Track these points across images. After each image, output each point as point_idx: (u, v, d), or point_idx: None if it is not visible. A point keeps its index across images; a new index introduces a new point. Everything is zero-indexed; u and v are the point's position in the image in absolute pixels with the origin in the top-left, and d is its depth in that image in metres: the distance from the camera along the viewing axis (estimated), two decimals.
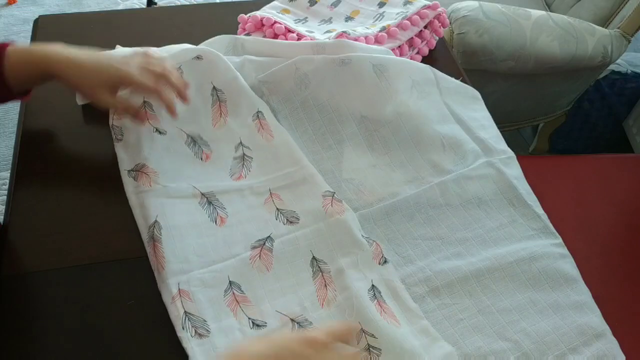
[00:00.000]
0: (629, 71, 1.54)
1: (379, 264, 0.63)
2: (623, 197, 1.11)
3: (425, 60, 0.90)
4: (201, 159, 0.71)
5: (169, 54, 0.72)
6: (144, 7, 2.13)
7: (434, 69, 0.80)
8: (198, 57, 0.75)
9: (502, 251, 0.65)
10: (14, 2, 2.22)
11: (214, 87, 0.74)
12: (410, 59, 0.88)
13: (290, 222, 0.66)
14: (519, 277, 0.64)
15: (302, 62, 0.76)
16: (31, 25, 0.91)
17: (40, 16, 0.92)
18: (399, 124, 0.75)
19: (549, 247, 0.66)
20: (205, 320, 0.57)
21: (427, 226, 0.67)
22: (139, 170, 0.67)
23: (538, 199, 0.73)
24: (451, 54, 0.93)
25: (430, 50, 0.91)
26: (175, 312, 0.56)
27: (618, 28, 1.36)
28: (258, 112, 0.74)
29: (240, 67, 0.77)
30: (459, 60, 1.13)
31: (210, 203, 0.67)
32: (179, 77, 0.69)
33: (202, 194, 0.67)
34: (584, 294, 0.64)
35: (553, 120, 1.62)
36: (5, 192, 1.26)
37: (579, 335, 0.60)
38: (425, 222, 0.68)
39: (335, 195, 0.67)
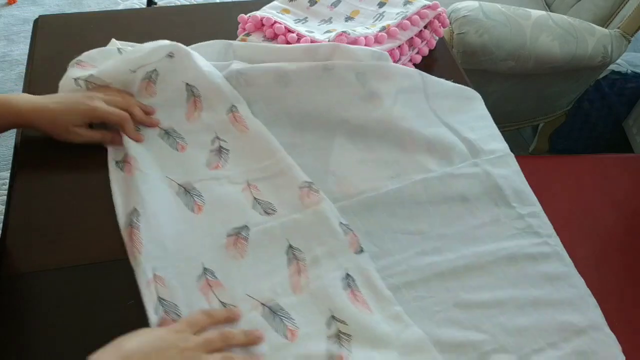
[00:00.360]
0: (629, 71, 1.54)
1: (355, 252, 0.63)
2: (623, 197, 1.11)
3: (425, 60, 0.90)
4: (177, 149, 0.72)
5: (143, 53, 0.73)
6: (144, 7, 2.13)
7: (423, 73, 0.79)
8: (170, 55, 0.75)
9: (482, 249, 0.66)
10: (14, 2, 2.22)
11: (187, 84, 0.75)
12: (411, 58, 0.88)
13: (267, 213, 0.66)
14: (498, 275, 0.64)
15: (285, 63, 0.76)
16: (31, 25, 0.91)
17: (40, 16, 0.92)
18: (382, 129, 0.74)
19: (530, 248, 0.67)
20: (177, 305, 0.58)
21: (407, 221, 0.67)
22: (125, 161, 0.69)
23: (538, 199, 0.72)
24: (451, 54, 0.93)
25: (430, 50, 0.91)
26: (149, 296, 0.57)
27: (618, 28, 1.36)
28: (232, 106, 0.74)
29: (225, 69, 0.77)
30: (459, 60, 1.13)
31: (187, 192, 0.68)
32: (140, 107, 0.73)
33: (179, 185, 0.68)
34: (568, 292, 0.64)
35: (553, 120, 1.62)
36: (5, 192, 1.26)
37: (559, 331, 0.60)
38: (406, 217, 0.68)
39: (312, 185, 0.67)
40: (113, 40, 0.81)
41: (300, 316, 0.59)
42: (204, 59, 0.76)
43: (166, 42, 0.74)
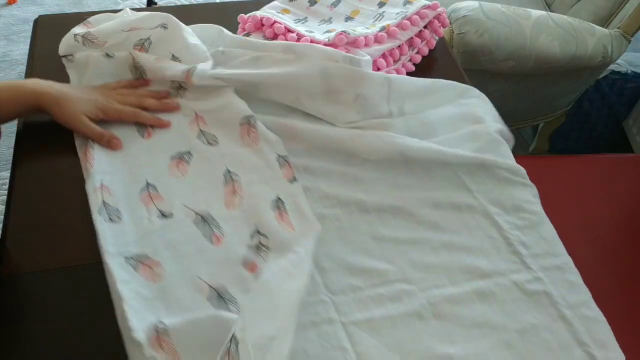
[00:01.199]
0: (629, 71, 1.54)
1: (288, 181, 0.67)
2: (623, 197, 1.11)
3: (425, 60, 0.90)
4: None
5: (137, 17, 0.79)
6: (144, 7, 2.13)
7: (391, 78, 0.76)
8: (164, 26, 0.79)
9: (410, 195, 0.70)
10: (14, 2, 2.22)
11: (173, 55, 0.78)
12: (410, 58, 0.88)
13: (210, 144, 0.72)
14: (420, 218, 0.68)
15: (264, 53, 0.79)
16: (31, 25, 0.91)
17: (40, 16, 0.92)
18: (358, 144, 0.74)
19: (457, 198, 0.70)
20: (118, 210, 0.64)
21: (345, 166, 0.72)
22: None
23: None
24: (451, 54, 0.93)
25: (430, 50, 0.91)
26: (95, 200, 0.63)
27: (618, 28, 1.36)
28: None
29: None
30: (459, 60, 1.13)
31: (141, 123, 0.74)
32: (153, 96, 0.76)
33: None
34: (484, 242, 0.67)
35: (553, 120, 1.62)
36: (5, 192, 1.26)
37: (464, 273, 0.64)
38: (343, 162, 0.72)
39: (251, 119, 0.71)
40: (126, 9, 0.85)
41: (229, 227, 0.63)
42: (193, 33, 0.80)
43: (160, 13, 0.80)
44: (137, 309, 0.55)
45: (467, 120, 0.77)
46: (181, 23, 0.80)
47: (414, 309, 0.60)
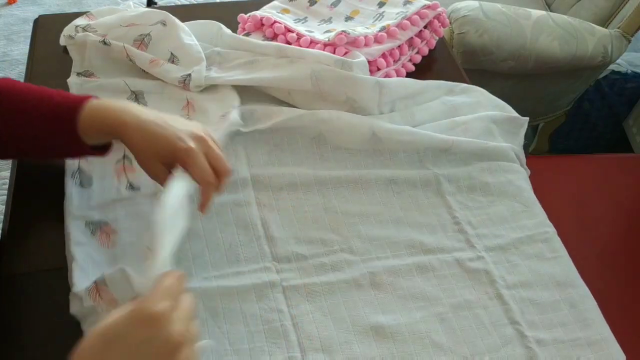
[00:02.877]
0: (629, 71, 1.54)
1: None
2: (623, 197, 1.11)
3: (425, 60, 0.90)
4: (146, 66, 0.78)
5: (136, 13, 0.81)
6: (144, 7, 2.12)
7: (382, 82, 0.76)
8: (163, 23, 0.81)
9: (367, 172, 0.71)
10: (14, 2, 2.22)
11: (171, 54, 0.79)
12: (410, 58, 0.88)
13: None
14: (374, 194, 0.70)
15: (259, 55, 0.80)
16: (31, 25, 0.91)
17: (40, 16, 0.92)
18: (331, 127, 0.74)
19: (414, 175, 0.72)
20: (91, 177, 0.67)
21: (314, 146, 0.74)
22: (86, 76, 0.79)
23: (538, 199, 0.72)
24: (451, 54, 0.93)
25: (430, 50, 0.91)
26: (71, 166, 0.67)
27: (618, 28, 1.36)
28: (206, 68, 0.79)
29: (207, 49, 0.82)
30: (459, 60, 1.13)
31: (137, 99, 0.76)
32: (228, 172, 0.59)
33: (132, 91, 0.77)
34: (432, 219, 0.69)
35: (553, 120, 1.62)
36: (5, 192, 1.26)
37: (408, 247, 0.66)
38: (315, 142, 0.74)
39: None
40: (130, 3, 0.87)
41: None
42: (189, 32, 0.81)
43: (158, 10, 0.82)
44: (85, 270, 0.58)
45: (448, 115, 0.78)
46: (179, 21, 0.81)
47: (353, 278, 0.62)
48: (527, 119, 0.81)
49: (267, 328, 0.57)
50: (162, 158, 0.56)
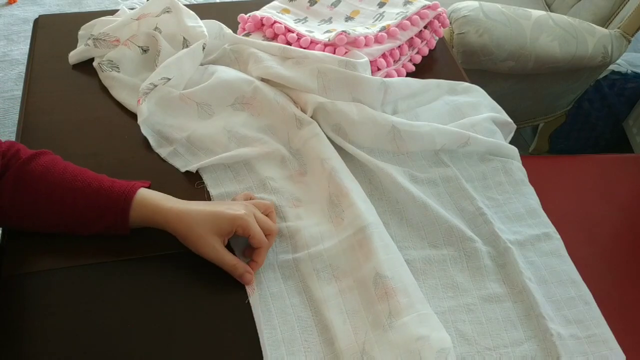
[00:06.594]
0: (629, 71, 1.54)
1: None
2: (623, 197, 1.11)
3: (425, 60, 0.90)
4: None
5: (143, 6, 0.82)
6: None
7: (388, 83, 0.76)
8: (168, 10, 0.82)
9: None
10: (14, 2, 2.22)
11: (184, 38, 0.81)
12: (410, 59, 0.88)
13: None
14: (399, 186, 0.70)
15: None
16: (31, 25, 0.91)
17: (40, 16, 0.93)
18: (350, 119, 0.74)
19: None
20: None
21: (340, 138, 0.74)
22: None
23: (538, 199, 0.73)
24: (451, 54, 0.93)
25: (430, 50, 0.91)
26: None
27: (618, 28, 1.36)
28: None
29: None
30: (459, 60, 1.14)
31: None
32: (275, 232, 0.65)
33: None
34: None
35: (553, 120, 1.62)
36: None
37: (446, 236, 0.67)
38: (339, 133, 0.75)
39: (299, 118, 0.74)
40: (123, 7, 0.87)
41: None
42: (194, 15, 0.83)
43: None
44: None
45: (453, 116, 0.79)
46: (182, 6, 0.83)
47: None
48: (516, 127, 0.83)
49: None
50: (220, 231, 0.60)
